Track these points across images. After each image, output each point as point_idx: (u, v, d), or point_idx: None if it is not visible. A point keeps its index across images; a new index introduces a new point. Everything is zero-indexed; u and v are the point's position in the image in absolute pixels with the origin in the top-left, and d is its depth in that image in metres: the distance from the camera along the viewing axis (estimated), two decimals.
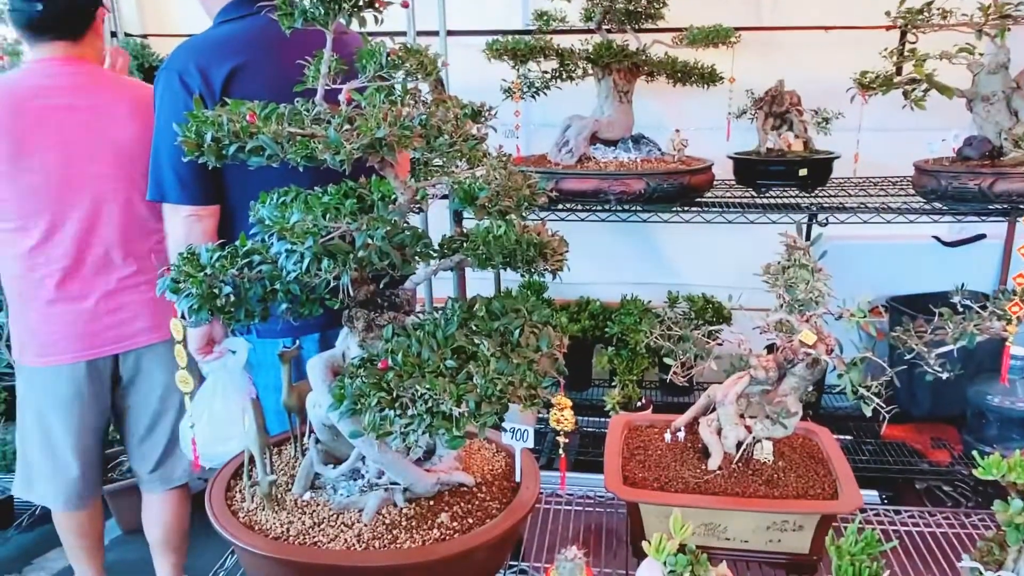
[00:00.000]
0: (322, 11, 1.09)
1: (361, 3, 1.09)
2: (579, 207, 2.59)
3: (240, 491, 1.35)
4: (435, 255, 1.22)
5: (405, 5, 1.24)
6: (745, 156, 2.80)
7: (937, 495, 2.81)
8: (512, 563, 1.49)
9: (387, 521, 1.27)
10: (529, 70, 2.65)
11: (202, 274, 1.09)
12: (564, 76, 2.61)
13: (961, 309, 1.46)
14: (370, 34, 1.16)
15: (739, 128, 2.87)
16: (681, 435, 1.57)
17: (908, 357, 1.43)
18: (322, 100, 1.13)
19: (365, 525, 1.26)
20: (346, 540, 1.23)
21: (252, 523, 1.25)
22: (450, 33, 3.13)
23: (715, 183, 2.67)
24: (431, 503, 1.31)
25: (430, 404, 1.01)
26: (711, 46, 2.51)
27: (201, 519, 1.30)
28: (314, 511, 1.30)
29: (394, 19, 3.08)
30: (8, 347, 2.29)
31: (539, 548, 1.59)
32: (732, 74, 2.66)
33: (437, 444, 1.38)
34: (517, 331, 1.15)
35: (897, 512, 1.62)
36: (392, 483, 1.30)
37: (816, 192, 2.73)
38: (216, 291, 1.10)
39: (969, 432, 2.83)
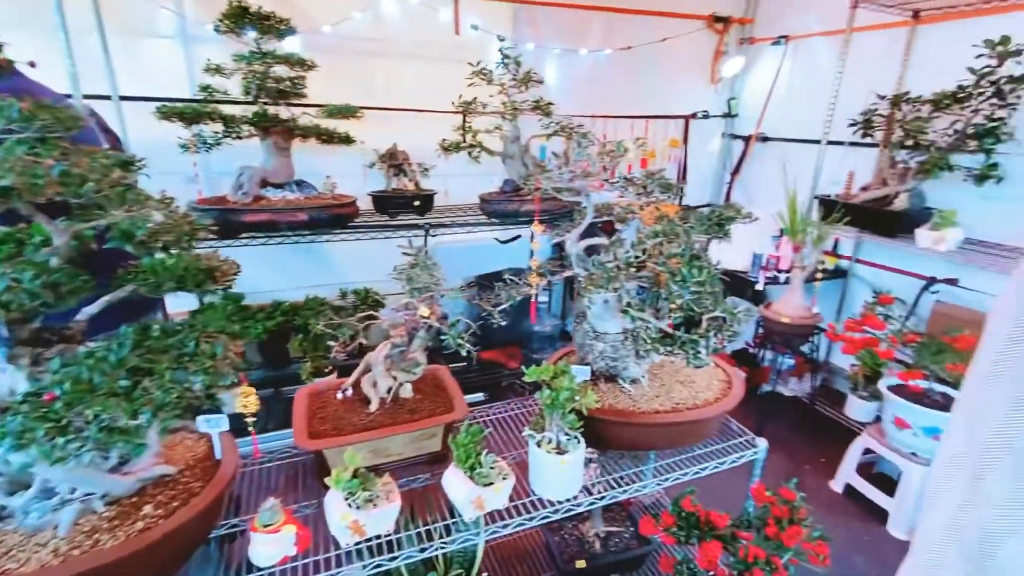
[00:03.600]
0: None
1: None
2: (260, 234, 2.26)
3: None
4: (97, 287, 0.90)
5: (33, 65, 0.87)
6: (379, 193, 2.71)
7: (515, 387, 3.03)
8: (227, 521, 1.22)
9: (87, 529, 0.92)
10: (201, 130, 2.20)
11: None
12: (233, 135, 2.22)
13: (509, 281, 1.56)
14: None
15: (373, 174, 2.77)
16: (349, 392, 1.44)
17: (486, 312, 1.49)
18: None
19: (62, 539, 0.90)
20: (40, 559, 0.86)
21: None
22: (123, 98, 2.45)
23: (360, 212, 2.54)
24: (134, 500, 1.00)
25: (105, 423, 0.74)
26: (345, 118, 2.37)
27: None
28: (1, 541, 0.89)
29: (90, 84, 2.28)
30: None
31: (253, 504, 1.34)
32: (363, 137, 2.54)
33: None
34: (192, 343, 0.91)
35: (491, 406, 1.68)
36: (87, 494, 0.95)
37: (427, 215, 2.75)
38: None
39: (526, 347, 3.14)
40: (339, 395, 1.43)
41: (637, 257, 1.22)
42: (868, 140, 2.67)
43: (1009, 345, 0.47)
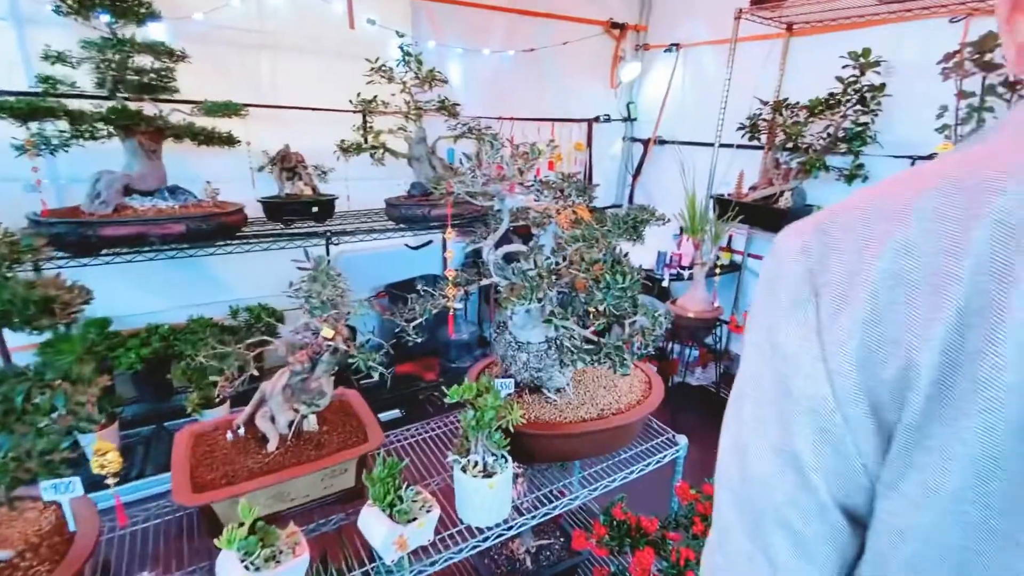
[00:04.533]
0: None
1: None
2: (126, 250, 1.94)
3: None
4: None
5: None
6: (271, 199, 2.47)
7: (434, 400, 2.92)
8: None
9: None
10: (43, 129, 1.84)
11: None
12: (86, 135, 1.88)
13: (423, 292, 1.46)
14: None
15: (263, 179, 2.51)
16: (242, 431, 1.26)
17: (399, 330, 1.38)
18: None
19: None
20: None
21: None
22: None
23: (250, 221, 2.29)
24: None
25: None
26: (226, 116, 2.11)
27: None
28: None
29: None
30: None
31: (131, 572, 1.11)
32: (248, 138, 2.29)
33: None
34: (20, 396, 0.72)
35: (408, 428, 1.57)
36: None
37: (328, 222, 2.54)
38: None
39: (443, 357, 3.02)
40: (229, 436, 1.24)
41: (558, 264, 1.17)
42: (755, 143, 2.86)
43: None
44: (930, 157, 2.34)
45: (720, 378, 3.25)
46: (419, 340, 1.27)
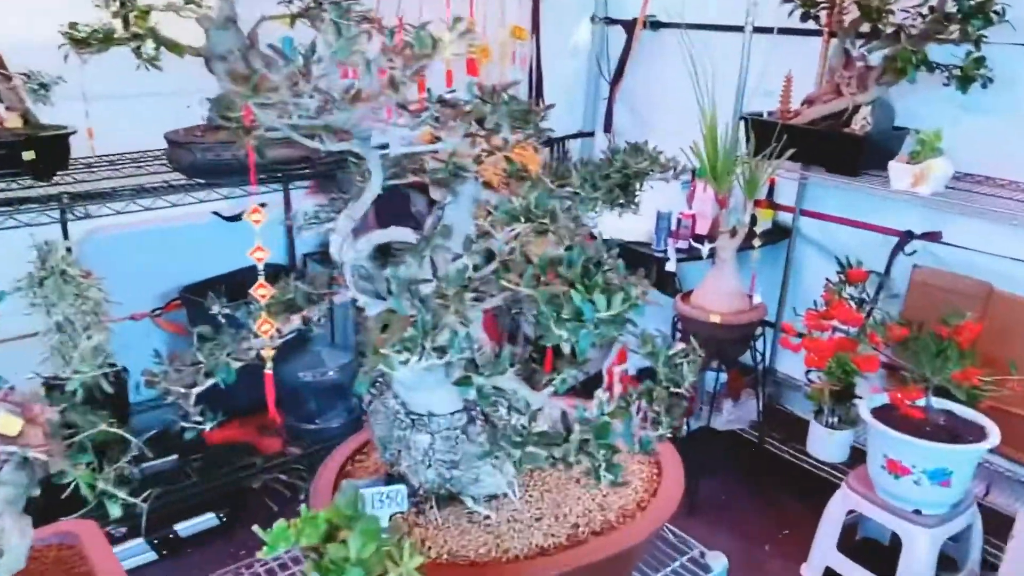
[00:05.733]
0: None
1: None
2: None
3: None
4: None
5: None
6: None
7: (276, 489, 2.78)
8: None
9: None
10: None
11: None
12: None
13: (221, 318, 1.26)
14: None
15: None
16: None
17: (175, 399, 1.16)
18: None
19: None
20: None
21: None
22: None
23: None
24: None
25: None
26: None
27: None
28: None
29: None
30: None
31: None
32: None
33: None
34: None
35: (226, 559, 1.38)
36: None
37: (59, 178, 2.34)
38: None
39: (291, 412, 2.86)
40: None
41: (477, 268, 1.03)
42: (810, 26, 2.79)
43: None
44: None
45: (763, 416, 3.20)
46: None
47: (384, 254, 1.20)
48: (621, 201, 1.27)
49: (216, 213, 3.00)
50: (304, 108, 0.94)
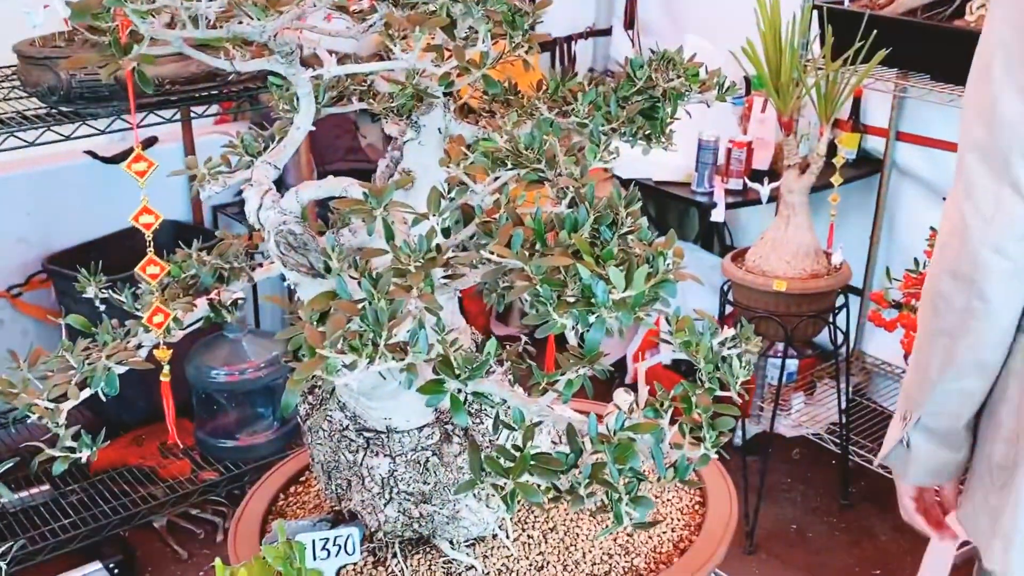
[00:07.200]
0: None
1: None
2: None
3: None
4: None
5: None
6: None
7: (185, 528, 2.87)
8: None
9: None
10: None
11: None
12: None
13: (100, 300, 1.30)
14: None
15: None
16: None
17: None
18: None
19: None
20: None
21: None
22: None
23: None
24: None
25: None
26: None
27: None
28: None
29: None
30: None
31: None
32: None
33: None
34: None
35: None
36: None
37: None
38: None
39: (203, 425, 2.92)
40: None
41: (449, 232, 1.09)
42: None
43: None
44: None
45: (849, 415, 3.26)
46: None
47: (322, 215, 1.21)
48: (647, 133, 1.29)
49: (90, 153, 3.05)
50: (199, 14, 0.96)
